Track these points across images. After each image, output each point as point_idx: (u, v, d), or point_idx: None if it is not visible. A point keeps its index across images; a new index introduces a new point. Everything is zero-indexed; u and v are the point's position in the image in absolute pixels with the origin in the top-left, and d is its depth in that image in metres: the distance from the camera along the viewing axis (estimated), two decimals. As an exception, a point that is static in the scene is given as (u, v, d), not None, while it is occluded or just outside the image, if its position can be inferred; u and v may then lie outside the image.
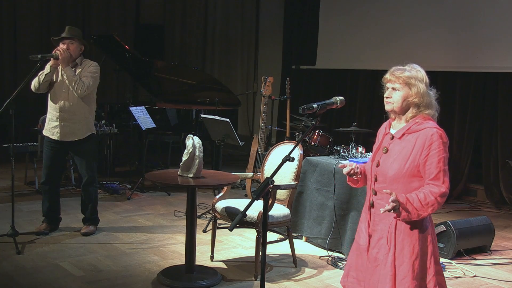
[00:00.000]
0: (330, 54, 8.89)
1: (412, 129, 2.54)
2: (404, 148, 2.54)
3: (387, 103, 2.60)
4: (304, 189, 4.89)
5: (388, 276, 2.53)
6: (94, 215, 5.02)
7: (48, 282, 3.85)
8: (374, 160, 2.66)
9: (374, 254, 2.62)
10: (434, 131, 2.49)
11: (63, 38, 4.68)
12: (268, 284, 3.93)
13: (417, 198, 2.46)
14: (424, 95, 2.54)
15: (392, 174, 2.54)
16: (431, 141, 2.48)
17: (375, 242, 2.62)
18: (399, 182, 2.53)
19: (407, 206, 2.44)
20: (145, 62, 7.56)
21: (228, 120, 5.52)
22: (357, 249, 2.74)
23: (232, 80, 10.38)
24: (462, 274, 4.36)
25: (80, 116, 4.75)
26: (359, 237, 2.73)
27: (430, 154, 2.48)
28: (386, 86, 2.62)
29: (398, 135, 2.59)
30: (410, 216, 2.46)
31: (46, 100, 4.83)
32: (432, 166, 2.48)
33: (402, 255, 2.53)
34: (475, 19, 6.98)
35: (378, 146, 2.69)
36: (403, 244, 2.54)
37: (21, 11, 8.63)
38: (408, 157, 2.51)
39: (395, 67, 2.60)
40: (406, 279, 2.51)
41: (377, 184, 2.62)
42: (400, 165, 2.52)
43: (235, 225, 2.58)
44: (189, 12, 10.15)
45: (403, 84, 2.54)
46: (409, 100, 2.55)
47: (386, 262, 2.55)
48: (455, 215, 6.21)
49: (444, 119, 7.52)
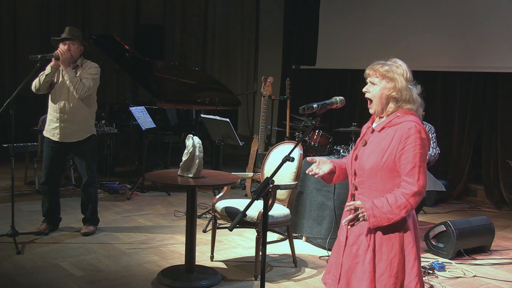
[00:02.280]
0: (330, 54, 8.90)
1: (393, 123, 2.48)
2: (382, 140, 2.47)
3: (369, 105, 2.56)
4: (304, 189, 4.89)
5: (366, 273, 2.47)
6: (94, 215, 5.03)
7: (48, 282, 3.85)
8: (353, 154, 2.60)
9: (354, 251, 2.54)
10: (412, 125, 2.41)
11: (64, 38, 4.67)
12: (268, 284, 3.93)
13: (386, 202, 2.38)
14: (403, 90, 2.48)
15: (369, 167, 2.47)
16: (408, 134, 2.40)
17: (354, 238, 2.54)
18: (376, 176, 2.46)
19: (374, 212, 2.38)
20: (145, 62, 7.56)
21: (228, 120, 5.52)
22: (337, 245, 2.68)
23: (232, 80, 10.38)
24: (462, 274, 4.36)
25: (81, 118, 4.75)
26: (340, 234, 2.67)
27: (406, 148, 2.39)
28: (366, 81, 2.58)
29: (378, 128, 2.53)
30: (379, 221, 2.40)
31: (46, 100, 4.83)
32: (407, 160, 2.39)
33: (380, 252, 2.47)
34: (475, 19, 6.98)
35: (359, 140, 2.64)
36: (382, 241, 2.47)
37: (21, 11, 8.63)
38: (385, 150, 2.44)
39: (376, 61, 2.57)
40: (383, 276, 2.46)
41: (357, 178, 2.55)
42: (377, 158, 2.45)
43: (235, 225, 2.58)
44: (189, 12, 10.15)
45: (381, 78, 2.50)
46: (387, 94, 2.49)
47: (364, 259, 2.49)
48: (455, 215, 6.22)
49: (444, 119, 7.60)
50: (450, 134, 7.30)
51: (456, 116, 7.27)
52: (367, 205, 2.40)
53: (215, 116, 5.85)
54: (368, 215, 2.40)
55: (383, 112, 2.54)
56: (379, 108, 2.53)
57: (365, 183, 2.51)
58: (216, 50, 10.48)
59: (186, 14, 10.12)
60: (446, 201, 6.89)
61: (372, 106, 2.56)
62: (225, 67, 10.58)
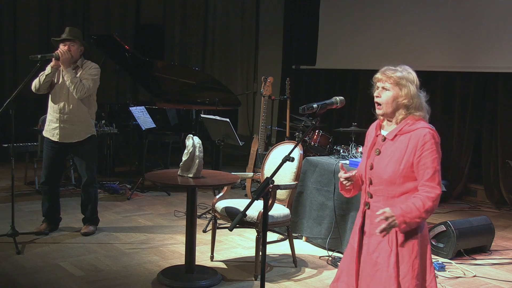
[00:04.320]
0: (330, 54, 8.89)
1: (404, 130, 2.53)
2: (397, 149, 2.53)
3: (378, 107, 2.59)
4: (304, 189, 4.89)
5: (392, 278, 2.51)
6: (94, 215, 5.03)
7: (48, 282, 3.85)
8: (367, 163, 2.64)
9: (374, 259, 2.59)
10: (426, 131, 2.48)
11: (64, 39, 4.67)
12: (268, 284, 3.93)
13: (414, 207, 2.43)
14: (414, 97, 2.53)
15: (387, 177, 2.52)
16: (424, 141, 2.46)
17: (374, 246, 2.59)
18: (394, 184, 2.52)
19: (405, 218, 2.42)
20: (145, 62, 7.56)
21: (228, 120, 5.52)
22: (351, 253, 2.70)
23: (232, 80, 10.38)
24: (462, 274, 4.36)
25: (80, 118, 4.74)
26: (353, 241, 2.70)
27: (423, 154, 2.46)
28: (377, 85, 2.60)
29: (390, 137, 2.57)
30: (409, 226, 2.46)
31: (46, 100, 4.83)
32: (426, 166, 2.45)
33: (402, 254, 2.53)
34: (475, 19, 6.98)
35: (369, 148, 2.67)
36: (403, 244, 2.53)
37: (21, 11, 8.63)
38: (402, 158, 2.50)
39: (387, 66, 2.59)
40: (406, 278, 2.50)
41: (372, 187, 2.60)
42: (395, 167, 2.50)
43: (235, 225, 2.58)
44: (189, 12, 10.14)
45: (394, 84, 2.53)
46: (398, 101, 2.53)
47: (388, 264, 2.52)
48: (455, 215, 6.21)
49: (444, 119, 7.59)
50: (450, 134, 7.29)
51: (456, 116, 7.26)
52: (397, 212, 2.43)
53: (215, 116, 5.85)
54: (399, 222, 2.43)
55: (392, 115, 2.57)
56: (388, 111, 2.57)
57: (382, 191, 2.56)
58: (216, 50, 10.48)
59: (186, 14, 10.12)
60: (446, 201, 6.88)
61: (381, 108, 2.58)
62: (225, 67, 10.58)
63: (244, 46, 10.62)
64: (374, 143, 2.66)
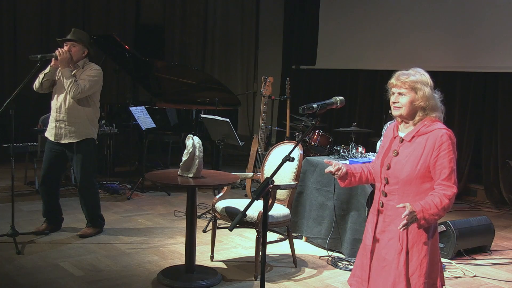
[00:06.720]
0: (330, 54, 8.89)
1: (422, 131, 2.59)
2: (414, 150, 2.59)
3: (395, 109, 2.64)
4: (304, 189, 4.89)
5: (402, 275, 2.57)
6: (93, 217, 4.94)
7: (48, 282, 3.85)
8: (384, 163, 2.69)
9: (383, 255, 2.66)
10: (443, 132, 2.55)
11: (66, 39, 4.67)
12: (268, 284, 3.93)
13: (433, 204, 2.49)
14: (430, 98, 2.59)
15: (405, 176, 2.58)
16: (441, 142, 2.53)
17: (385, 243, 2.67)
18: (411, 184, 2.58)
19: (424, 214, 2.48)
20: (145, 62, 7.56)
21: (228, 120, 5.52)
22: (363, 249, 2.80)
23: (232, 80, 10.38)
24: (462, 274, 4.36)
25: (76, 119, 4.67)
26: (366, 238, 2.79)
27: (440, 155, 2.53)
28: (392, 91, 2.65)
29: (407, 138, 2.63)
30: (428, 223, 2.51)
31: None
32: (443, 166, 2.52)
33: (412, 252, 2.59)
34: (475, 19, 6.98)
35: (387, 149, 2.72)
36: (413, 242, 2.59)
37: (21, 11, 8.63)
38: (419, 159, 2.56)
39: (400, 71, 2.65)
40: (414, 276, 2.57)
41: (388, 186, 2.66)
42: (412, 167, 2.57)
43: (235, 225, 2.58)
44: (189, 12, 10.14)
45: (409, 89, 2.59)
46: (415, 104, 2.60)
47: (398, 262, 2.59)
48: (455, 215, 6.21)
49: (444, 119, 7.56)
50: (450, 134, 7.29)
51: (456, 116, 7.26)
52: (417, 208, 2.48)
53: (215, 116, 5.85)
54: (419, 218, 2.48)
55: (409, 118, 2.64)
56: (405, 113, 2.63)
57: (398, 190, 2.62)
58: (216, 50, 10.48)
59: (186, 14, 10.12)
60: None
61: (398, 110, 2.63)
62: (225, 67, 10.58)
63: (244, 46, 10.62)
64: (391, 144, 2.72)
